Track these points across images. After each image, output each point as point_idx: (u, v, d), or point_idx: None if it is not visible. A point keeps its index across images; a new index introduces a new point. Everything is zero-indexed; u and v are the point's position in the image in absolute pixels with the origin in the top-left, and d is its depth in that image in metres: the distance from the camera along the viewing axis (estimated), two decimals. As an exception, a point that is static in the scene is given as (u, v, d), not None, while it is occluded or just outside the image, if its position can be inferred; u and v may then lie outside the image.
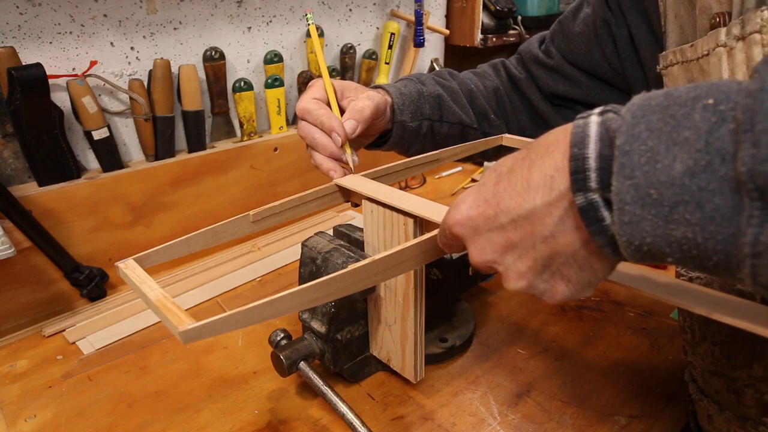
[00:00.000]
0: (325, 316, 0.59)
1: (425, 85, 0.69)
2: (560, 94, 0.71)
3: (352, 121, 0.60)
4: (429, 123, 0.68)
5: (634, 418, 0.59)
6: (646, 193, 0.27)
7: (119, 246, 0.86)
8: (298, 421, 0.59)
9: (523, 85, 0.74)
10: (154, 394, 0.64)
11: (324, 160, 0.60)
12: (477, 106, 0.73)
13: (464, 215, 0.36)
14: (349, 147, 0.61)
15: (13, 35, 0.75)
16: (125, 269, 0.43)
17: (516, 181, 0.34)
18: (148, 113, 0.86)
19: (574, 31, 0.67)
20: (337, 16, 1.11)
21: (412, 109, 0.66)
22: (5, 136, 0.78)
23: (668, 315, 0.76)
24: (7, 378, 0.68)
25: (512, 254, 0.35)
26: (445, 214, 0.39)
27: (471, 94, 0.73)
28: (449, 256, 0.70)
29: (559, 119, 0.72)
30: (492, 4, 1.27)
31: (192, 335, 0.34)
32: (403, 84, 0.69)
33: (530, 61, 0.74)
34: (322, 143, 0.59)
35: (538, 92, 0.73)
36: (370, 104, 0.61)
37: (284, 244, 0.98)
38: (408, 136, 0.67)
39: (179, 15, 0.89)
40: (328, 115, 0.59)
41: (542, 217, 0.32)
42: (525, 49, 0.75)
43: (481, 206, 0.35)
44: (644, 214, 0.27)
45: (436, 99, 0.69)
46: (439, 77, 0.73)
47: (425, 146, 0.69)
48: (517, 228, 0.34)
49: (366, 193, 0.54)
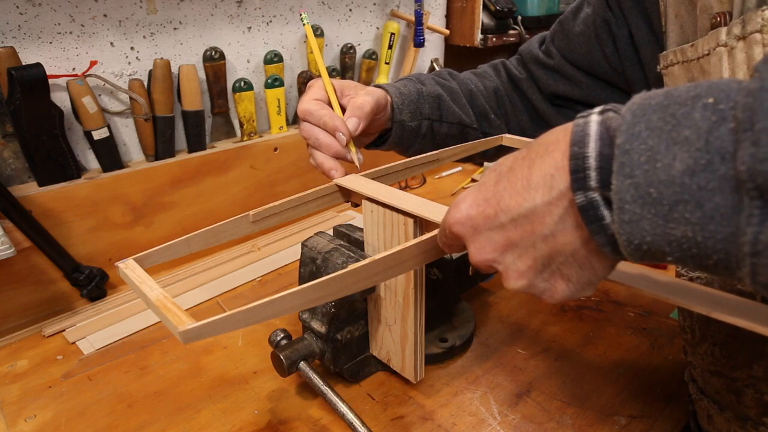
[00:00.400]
0: (325, 316, 0.59)
1: (425, 85, 0.69)
2: (561, 94, 0.71)
3: (354, 119, 0.60)
4: (428, 123, 0.68)
5: (634, 418, 0.59)
6: (646, 192, 0.27)
7: (119, 246, 0.86)
8: (298, 421, 0.59)
9: (524, 85, 0.74)
10: (154, 394, 0.64)
11: (326, 159, 0.60)
12: (477, 106, 0.73)
13: (464, 214, 0.36)
14: (353, 145, 0.61)
15: (13, 35, 0.75)
16: (125, 269, 0.43)
17: (516, 180, 0.33)
18: (148, 113, 0.86)
19: (575, 31, 0.67)
20: (337, 16, 1.11)
21: (411, 109, 0.66)
22: (5, 136, 0.78)
23: (668, 315, 0.76)
24: (7, 378, 0.68)
25: (512, 253, 0.35)
26: (444, 214, 0.39)
27: (471, 94, 0.73)
28: (449, 256, 0.70)
29: (560, 119, 0.72)
30: (492, 4, 1.27)
31: (192, 335, 0.34)
32: (402, 84, 0.68)
33: (530, 62, 0.74)
34: (326, 143, 0.60)
35: (539, 92, 0.73)
36: (370, 99, 0.61)
37: (284, 244, 0.98)
38: (407, 135, 0.67)
39: (179, 15, 0.89)
40: (331, 115, 0.59)
41: (542, 216, 0.32)
42: (525, 50, 0.75)
43: (481, 205, 0.35)
44: (644, 213, 0.27)
45: (436, 99, 0.69)
46: (438, 77, 0.73)
47: (425, 146, 0.69)
48: (517, 227, 0.34)
49: (366, 193, 0.54)
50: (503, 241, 0.35)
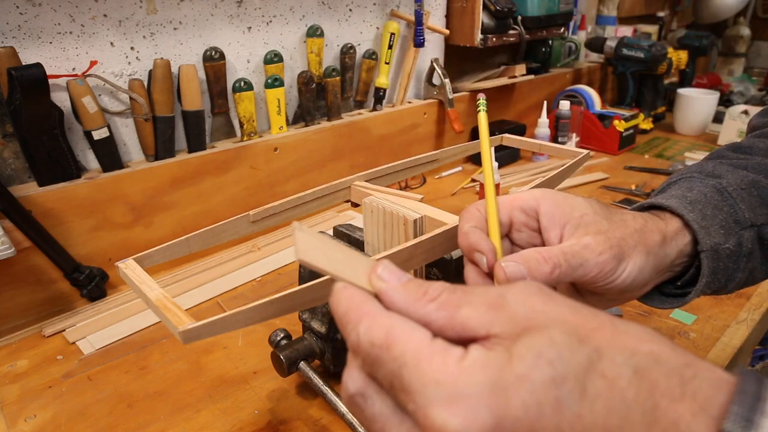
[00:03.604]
0: (325, 316, 0.59)
1: (721, 177, 0.45)
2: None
3: (516, 265, 0.36)
4: (753, 232, 0.43)
5: (634, 418, 0.59)
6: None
7: (119, 246, 0.86)
8: (298, 421, 0.59)
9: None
10: (154, 394, 0.64)
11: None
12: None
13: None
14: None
15: (13, 35, 0.75)
16: (125, 269, 0.43)
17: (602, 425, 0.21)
18: (148, 113, 0.86)
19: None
20: (337, 16, 1.11)
21: (720, 221, 0.42)
22: (5, 136, 0.78)
23: (668, 315, 0.76)
24: (7, 378, 0.68)
25: None
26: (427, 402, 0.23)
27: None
28: (449, 256, 0.70)
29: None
30: (492, 4, 1.27)
31: (192, 335, 0.34)
32: (683, 188, 0.44)
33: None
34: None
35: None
36: (577, 250, 0.37)
37: (284, 244, 0.98)
38: (724, 266, 0.42)
39: (179, 15, 0.89)
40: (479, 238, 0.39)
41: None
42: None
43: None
44: None
45: (752, 188, 0.44)
46: (722, 158, 0.49)
47: (753, 269, 0.44)
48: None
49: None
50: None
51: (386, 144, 1.21)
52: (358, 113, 1.18)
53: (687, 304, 0.44)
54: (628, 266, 0.38)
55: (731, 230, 0.42)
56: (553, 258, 0.36)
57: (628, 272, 0.38)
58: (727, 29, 2.25)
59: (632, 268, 0.38)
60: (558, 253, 0.37)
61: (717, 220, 0.42)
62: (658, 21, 2.04)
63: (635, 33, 1.93)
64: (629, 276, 0.38)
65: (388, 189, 0.55)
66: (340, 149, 1.12)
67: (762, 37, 2.35)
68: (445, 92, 1.27)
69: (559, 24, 1.46)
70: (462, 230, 0.40)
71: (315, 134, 1.07)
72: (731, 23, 2.28)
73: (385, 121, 1.20)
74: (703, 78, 1.91)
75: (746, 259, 0.43)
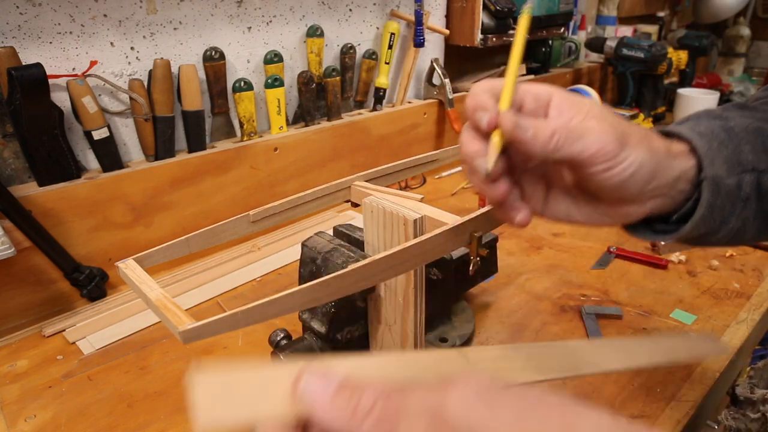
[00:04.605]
0: (325, 316, 0.59)
1: (728, 119, 0.45)
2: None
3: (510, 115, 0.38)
4: (753, 177, 0.42)
5: (634, 418, 0.59)
6: None
7: (119, 246, 0.86)
8: (298, 421, 0.59)
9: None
10: (154, 394, 0.64)
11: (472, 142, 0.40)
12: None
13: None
14: (499, 139, 0.38)
15: (13, 35, 0.75)
16: (125, 269, 0.43)
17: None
18: (148, 113, 0.86)
19: None
20: (337, 16, 1.11)
21: (725, 155, 0.42)
22: (5, 136, 0.78)
23: (668, 315, 0.76)
24: (7, 378, 0.68)
25: None
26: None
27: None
28: (449, 256, 0.70)
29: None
30: (492, 4, 1.27)
31: (192, 335, 0.34)
32: (692, 123, 0.45)
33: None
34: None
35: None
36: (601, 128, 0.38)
37: (284, 244, 0.98)
38: (721, 203, 0.42)
39: (179, 15, 0.89)
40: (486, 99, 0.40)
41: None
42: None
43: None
44: None
45: (757, 135, 0.44)
46: (727, 110, 0.48)
47: (746, 219, 0.43)
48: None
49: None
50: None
51: (386, 144, 1.21)
52: (358, 113, 1.18)
53: (680, 241, 0.44)
54: (630, 155, 0.38)
55: (733, 168, 0.42)
56: (553, 124, 0.37)
57: (629, 161, 0.38)
58: (727, 29, 2.25)
59: (634, 158, 0.38)
60: (560, 122, 0.38)
61: (722, 155, 0.42)
62: (658, 21, 2.04)
63: (635, 33, 1.93)
64: (630, 165, 0.38)
65: (388, 189, 0.56)
66: (340, 149, 1.12)
67: (762, 37, 2.35)
68: (445, 92, 1.27)
69: (559, 24, 1.46)
70: (473, 91, 0.40)
71: (315, 134, 1.07)
72: (731, 23, 2.28)
73: (385, 121, 1.20)
74: (703, 78, 1.91)
75: (743, 205, 0.43)
